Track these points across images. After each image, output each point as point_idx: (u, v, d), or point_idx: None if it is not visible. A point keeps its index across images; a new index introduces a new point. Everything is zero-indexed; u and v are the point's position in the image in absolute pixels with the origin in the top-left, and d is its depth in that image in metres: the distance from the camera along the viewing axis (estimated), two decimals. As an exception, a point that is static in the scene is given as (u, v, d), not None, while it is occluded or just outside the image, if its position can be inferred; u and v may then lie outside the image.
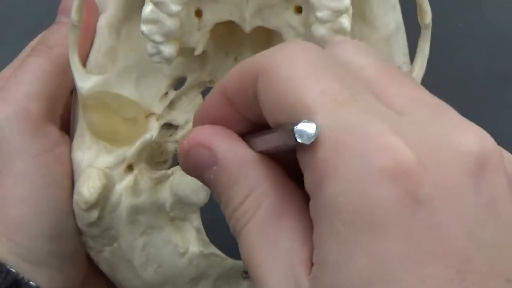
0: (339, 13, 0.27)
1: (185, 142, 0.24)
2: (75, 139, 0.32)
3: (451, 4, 0.47)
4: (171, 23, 0.28)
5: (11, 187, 0.31)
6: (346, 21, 0.27)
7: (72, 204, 0.32)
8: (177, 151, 0.33)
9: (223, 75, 0.29)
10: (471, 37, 0.47)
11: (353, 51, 0.22)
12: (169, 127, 0.33)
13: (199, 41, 0.30)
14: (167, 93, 0.32)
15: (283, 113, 0.20)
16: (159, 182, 0.32)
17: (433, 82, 0.21)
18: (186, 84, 0.32)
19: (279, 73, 0.21)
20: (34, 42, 0.34)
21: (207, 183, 0.24)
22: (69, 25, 0.30)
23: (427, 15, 0.30)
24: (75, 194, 0.31)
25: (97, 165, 0.31)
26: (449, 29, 0.46)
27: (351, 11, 0.27)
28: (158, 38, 0.28)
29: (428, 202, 0.18)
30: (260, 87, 0.21)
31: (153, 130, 0.32)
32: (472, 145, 0.19)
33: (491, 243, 0.19)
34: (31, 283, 0.30)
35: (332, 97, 0.20)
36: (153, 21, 0.27)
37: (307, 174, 0.20)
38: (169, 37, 0.28)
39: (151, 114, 0.32)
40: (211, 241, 0.34)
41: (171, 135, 0.33)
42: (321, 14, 0.27)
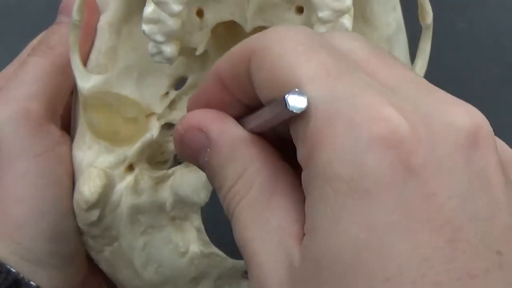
0: (340, 13, 0.27)
1: (179, 126, 0.23)
2: (75, 139, 0.32)
3: (451, 4, 0.47)
4: (172, 23, 0.28)
5: (11, 187, 0.30)
6: (347, 22, 0.27)
7: (72, 204, 0.31)
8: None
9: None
10: (471, 37, 0.47)
11: (343, 36, 0.22)
12: (170, 127, 0.33)
13: (200, 41, 0.30)
14: (168, 93, 0.32)
15: (276, 88, 0.20)
16: (159, 181, 0.32)
17: (433, 82, 0.21)
18: (187, 84, 0.32)
19: (272, 51, 0.20)
20: (34, 42, 0.34)
21: (202, 167, 0.23)
22: (69, 24, 0.30)
23: (428, 15, 0.30)
24: (75, 193, 0.31)
25: (98, 164, 0.31)
26: (449, 29, 0.46)
27: (352, 11, 0.27)
28: (159, 38, 0.28)
29: (421, 171, 0.18)
30: (253, 67, 0.21)
31: (153, 130, 0.32)
32: (464, 121, 0.19)
33: (483, 215, 0.19)
34: (32, 283, 0.30)
35: (325, 71, 0.20)
36: (155, 21, 0.27)
37: (299, 145, 0.20)
38: (170, 37, 0.28)
39: (152, 114, 0.32)
40: (211, 240, 0.34)
41: (172, 135, 0.33)
42: (322, 14, 0.27)
